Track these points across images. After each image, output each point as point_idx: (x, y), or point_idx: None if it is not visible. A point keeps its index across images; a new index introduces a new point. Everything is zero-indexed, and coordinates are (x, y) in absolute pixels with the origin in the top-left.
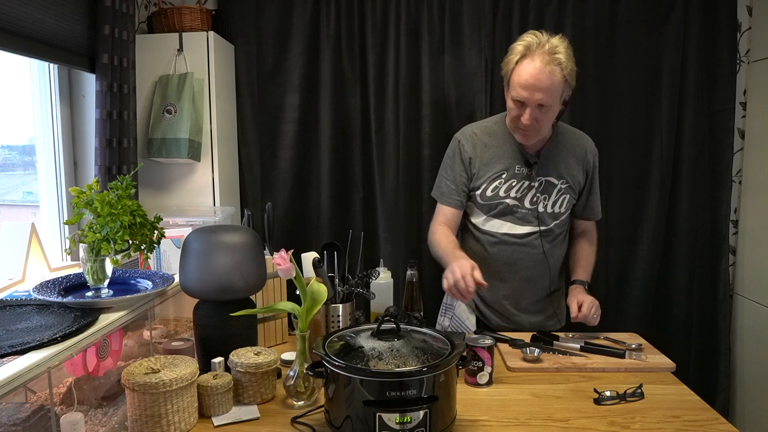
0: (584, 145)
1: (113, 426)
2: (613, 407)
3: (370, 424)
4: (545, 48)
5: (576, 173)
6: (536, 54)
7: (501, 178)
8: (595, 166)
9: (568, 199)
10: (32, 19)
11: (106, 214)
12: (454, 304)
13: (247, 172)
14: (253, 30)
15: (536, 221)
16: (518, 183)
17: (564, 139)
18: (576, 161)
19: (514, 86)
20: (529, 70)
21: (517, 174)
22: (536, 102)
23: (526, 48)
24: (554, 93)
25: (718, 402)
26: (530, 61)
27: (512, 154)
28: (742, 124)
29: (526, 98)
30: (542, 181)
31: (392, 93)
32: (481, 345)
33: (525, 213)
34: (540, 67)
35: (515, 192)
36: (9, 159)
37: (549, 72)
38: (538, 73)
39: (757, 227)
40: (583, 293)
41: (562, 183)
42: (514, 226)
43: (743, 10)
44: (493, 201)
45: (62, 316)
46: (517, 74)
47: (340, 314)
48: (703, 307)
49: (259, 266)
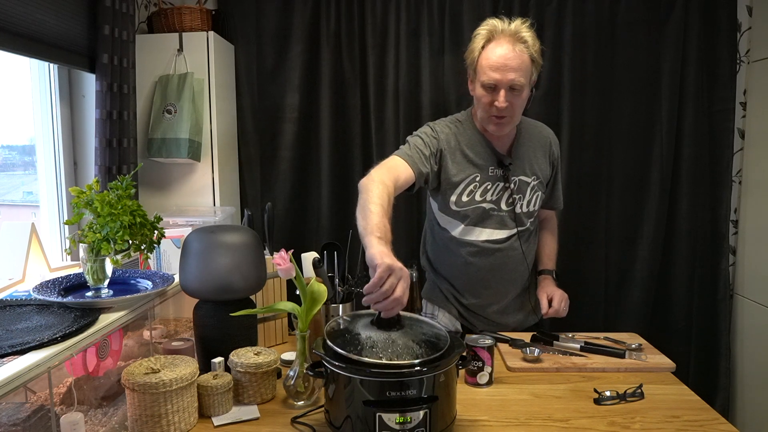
0: (548, 137)
1: (113, 426)
2: (613, 407)
3: (370, 424)
4: (509, 29)
5: (544, 167)
6: (501, 36)
7: (476, 182)
8: (558, 157)
9: (540, 196)
10: (32, 19)
11: (106, 214)
12: (437, 313)
13: (247, 172)
14: (253, 30)
15: (514, 223)
16: (493, 185)
17: (529, 133)
18: (543, 154)
19: (483, 71)
20: (497, 51)
21: (491, 176)
22: (509, 83)
23: (490, 32)
24: (525, 72)
25: (718, 402)
26: (496, 43)
27: (485, 156)
28: (742, 124)
29: (498, 80)
30: (516, 181)
31: (392, 93)
32: (481, 345)
33: (503, 216)
34: (508, 47)
35: (491, 195)
36: (9, 159)
37: (519, 51)
38: (506, 53)
39: (757, 227)
40: (552, 285)
41: (534, 179)
42: (493, 232)
43: (743, 10)
44: (469, 207)
45: (62, 316)
46: (485, 58)
47: (340, 314)
48: (703, 307)
49: (259, 266)
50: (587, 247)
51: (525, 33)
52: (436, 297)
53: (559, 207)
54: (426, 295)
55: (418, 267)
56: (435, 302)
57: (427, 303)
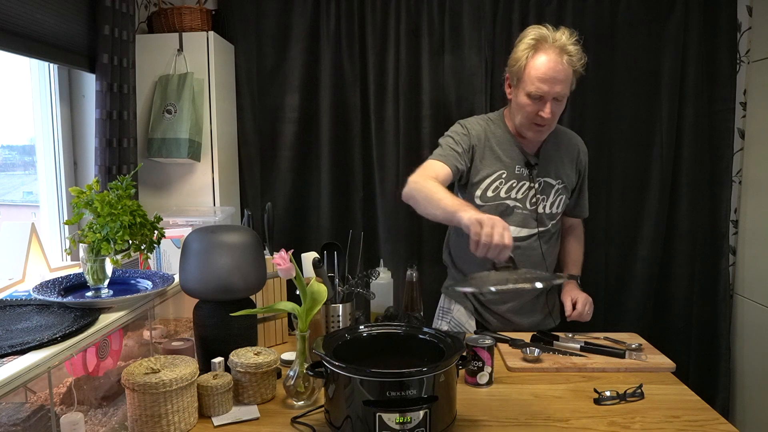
0: (577, 145)
1: (113, 426)
2: (613, 407)
3: (370, 424)
4: (556, 40)
5: (570, 173)
6: (549, 46)
7: (501, 179)
8: (585, 165)
9: (564, 200)
10: (32, 19)
11: (106, 214)
12: (452, 307)
13: (247, 172)
14: (253, 30)
15: (536, 222)
16: (518, 184)
17: (558, 138)
18: (570, 161)
19: (530, 81)
20: (545, 62)
21: (518, 174)
22: (555, 94)
23: (537, 41)
24: (569, 84)
25: (718, 402)
26: (544, 53)
27: (512, 155)
28: (742, 124)
29: (546, 92)
30: (542, 182)
31: (392, 93)
32: (481, 345)
33: (526, 215)
34: (556, 59)
35: (516, 193)
36: (9, 159)
37: (566, 62)
38: (555, 65)
39: (757, 227)
40: (576, 289)
41: (558, 183)
42: (515, 229)
43: (743, 10)
44: (493, 202)
45: (62, 316)
46: (534, 68)
47: (340, 314)
48: (703, 307)
49: (259, 266)
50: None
51: (571, 45)
52: (454, 292)
53: (584, 215)
54: (445, 290)
55: (419, 267)
56: (452, 296)
57: (444, 297)
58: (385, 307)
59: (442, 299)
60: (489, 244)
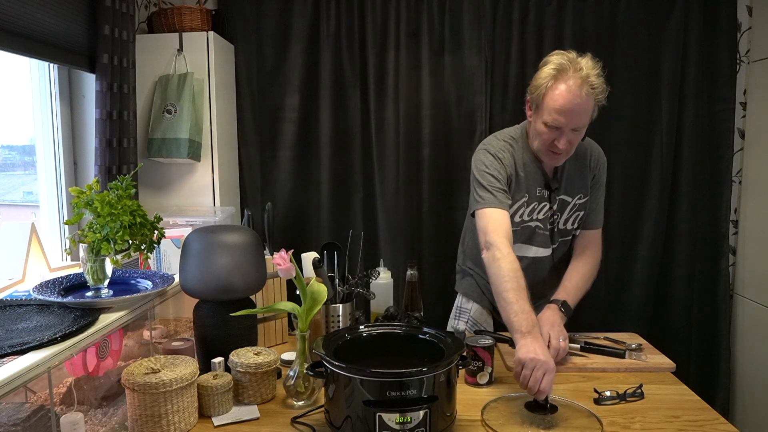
0: (591, 153)
1: (113, 426)
2: (613, 407)
3: (370, 424)
4: (579, 70)
5: (585, 183)
6: (570, 77)
7: (524, 202)
8: (600, 172)
9: (582, 216)
10: (32, 19)
11: (106, 214)
12: (470, 307)
13: (247, 172)
14: (253, 30)
15: (551, 241)
16: (540, 205)
17: (575, 152)
18: (588, 172)
19: (548, 111)
20: (564, 95)
21: (539, 196)
22: (572, 126)
23: (558, 71)
24: (588, 115)
25: (718, 402)
26: (564, 84)
27: (535, 178)
28: (742, 124)
29: (564, 124)
30: (558, 201)
31: (392, 93)
32: (481, 345)
33: (546, 235)
34: (576, 92)
35: (537, 214)
36: (9, 159)
37: (585, 95)
38: (574, 98)
39: (757, 227)
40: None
41: (577, 199)
42: (539, 250)
43: (743, 10)
44: (519, 227)
45: (62, 316)
46: (552, 99)
47: (340, 314)
48: (703, 307)
49: (259, 266)
50: None
51: (593, 76)
52: (472, 291)
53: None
54: (461, 289)
55: (419, 267)
56: (470, 296)
57: (461, 297)
58: (385, 307)
59: (459, 299)
60: (524, 387)
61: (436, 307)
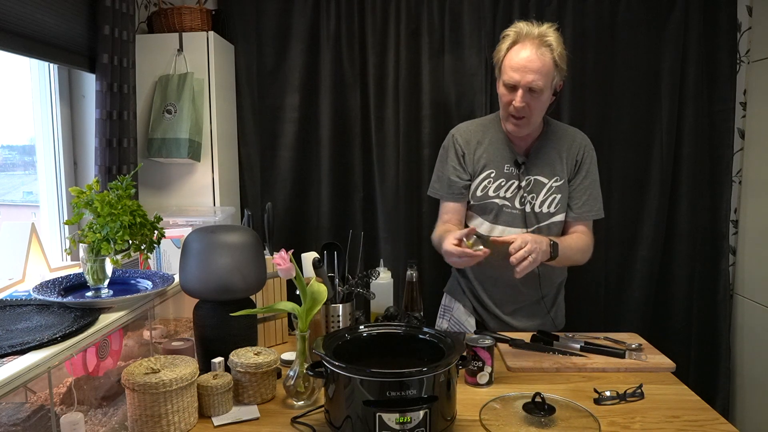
0: (575, 140)
1: (113, 426)
2: (613, 407)
3: (370, 424)
4: (535, 33)
5: (564, 168)
6: (527, 39)
7: (490, 178)
8: (584, 160)
9: (559, 199)
10: (32, 19)
11: (106, 214)
12: (453, 306)
13: (247, 172)
14: (253, 30)
15: (524, 222)
16: (507, 183)
17: (555, 136)
18: (567, 156)
19: (505, 70)
20: (520, 53)
21: (506, 173)
22: (527, 84)
23: (517, 34)
24: (545, 76)
25: (718, 402)
26: (521, 45)
27: (502, 153)
28: (742, 124)
29: (517, 80)
30: (530, 180)
31: (392, 93)
32: (481, 345)
33: (515, 214)
34: (531, 50)
35: (504, 192)
36: (9, 159)
37: (540, 54)
38: (529, 55)
39: (757, 227)
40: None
41: (554, 181)
42: (505, 229)
43: (743, 10)
44: (483, 201)
45: (62, 316)
46: (509, 59)
47: (340, 314)
48: (703, 307)
49: (259, 266)
50: None
51: (550, 37)
52: (455, 290)
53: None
54: (446, 288)
55: (419, 267)
56: (453, 295)
57: (446, 295)
58: (385, 307)
59: (445, 298)
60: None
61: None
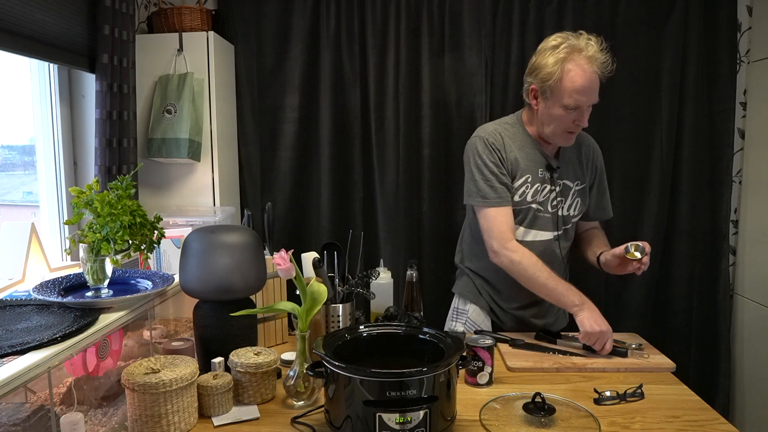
0: (590, 145)
1: (113, 426)
2: (613, 407)
3: (370, 424)
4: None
5: (586, 174)
6: (581, 57)
7: (527, 183)
8: (601, 165)
9: (580, 203)
10: (32, 19)
11: (106, 214)
12: (467, 308)
13: (247, 172)
14: (253, 30)
15: (556, 225)
16: (542, 187)
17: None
18: (586, 162)
19: (568, 94)
20: (581, 74)
21: (540, 178)
22: (592, 103)
23: (568, 53)
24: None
25: (718, 402)
26: (578, 66)
27: (533, 157)
28: (742, 124)
29: (584, 102)
30: (561, 184)
31: (392, 93)
32: (481, 345)
33: (548, 218)
34: (590, 70)
35: (539, 196)
36: (9, 159)
37: (594, 71)
38: (590, 76)
39: (757, 227)
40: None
41: (576, 185)
42: (538, 233)
43: (743, 10)
44: (521, 206)
45: (62, 316)
46: (570, 81)
47: (340, 314)
48: (703, 307)
49: (259, 266)
50: None
51: (600, 55)
52: (468, 292)
53: (606, 216)
54: (458, 290)
55: (419, 267)
56: (467, 297)
57: (458, 298)
58: (385, 307)
59: (457, 300)
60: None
61: (436, 307)
